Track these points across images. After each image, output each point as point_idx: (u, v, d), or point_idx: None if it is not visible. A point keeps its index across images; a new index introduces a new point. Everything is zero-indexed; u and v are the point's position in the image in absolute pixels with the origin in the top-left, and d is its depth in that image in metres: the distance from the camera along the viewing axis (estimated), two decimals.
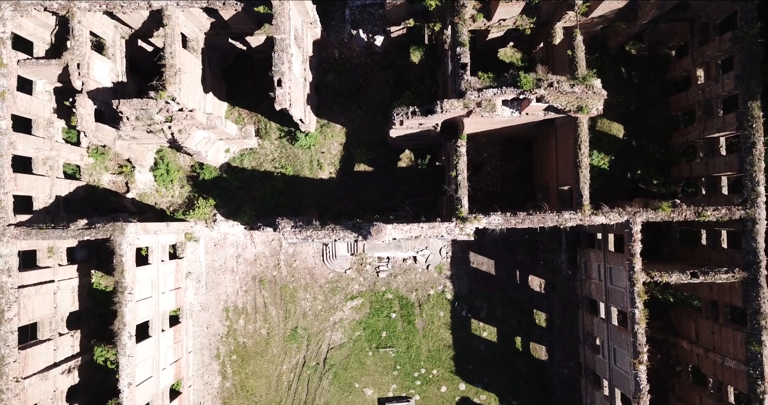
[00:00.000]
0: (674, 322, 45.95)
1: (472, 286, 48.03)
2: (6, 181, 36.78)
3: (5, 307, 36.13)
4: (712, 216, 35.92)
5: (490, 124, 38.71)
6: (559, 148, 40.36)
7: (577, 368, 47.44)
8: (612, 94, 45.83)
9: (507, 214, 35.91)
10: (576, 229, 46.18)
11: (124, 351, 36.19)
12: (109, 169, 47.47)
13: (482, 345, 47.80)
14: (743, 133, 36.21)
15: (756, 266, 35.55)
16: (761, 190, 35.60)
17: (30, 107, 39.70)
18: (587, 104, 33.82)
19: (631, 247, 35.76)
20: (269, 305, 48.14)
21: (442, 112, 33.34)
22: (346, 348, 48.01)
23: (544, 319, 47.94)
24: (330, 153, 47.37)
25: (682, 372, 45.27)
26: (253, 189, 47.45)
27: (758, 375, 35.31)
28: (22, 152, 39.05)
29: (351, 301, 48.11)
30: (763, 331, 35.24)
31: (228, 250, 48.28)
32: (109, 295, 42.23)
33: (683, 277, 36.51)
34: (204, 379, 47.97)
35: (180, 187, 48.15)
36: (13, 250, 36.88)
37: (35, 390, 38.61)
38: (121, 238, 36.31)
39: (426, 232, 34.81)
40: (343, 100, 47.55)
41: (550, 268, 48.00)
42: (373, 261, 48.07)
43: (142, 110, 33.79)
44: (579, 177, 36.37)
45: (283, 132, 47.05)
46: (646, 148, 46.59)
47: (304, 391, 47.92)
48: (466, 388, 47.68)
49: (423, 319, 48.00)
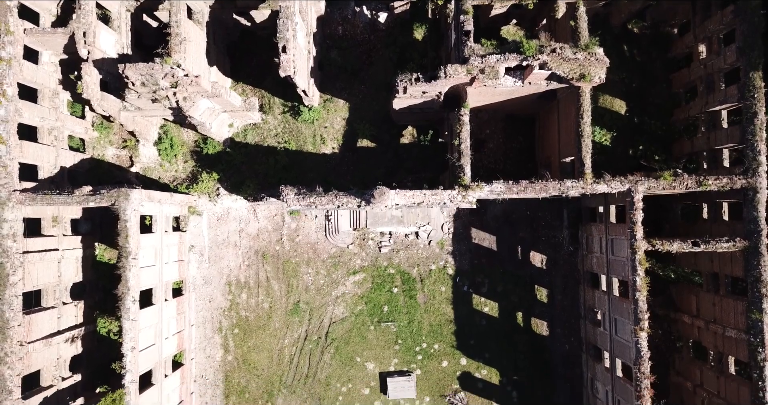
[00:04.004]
0: (675, 297, 46.14)
1: (473, 261, 48.24)
2: (12, 147, 37.04)
3: (10, 271, 36.39)
4: (714, 185, 36.15)
5: (492, 95, 38.95)
6: (561, 121, 40.57)
7: (578, 344, 47.64)
8: (614, 71, 46.34)
9: (509, 182, 36.13)
10: (577, 205, 46.66)
11: (128, 315, 36.45)
12: (114, 144, 47.73)
13: (483, 320, 48.01)
14: (745, 103, 36.45)
15: (757, 235, 35.79)
16: (762, 160, 35.85)
17: (36, 76, 39.95)
18: (590, 72, 34.06)
19: (632, 215, 35.97)
20: (272, 279, 48.37)
21: (445, 77, 33.58)
22: (347, 322, 48.24)
23: (545, 295, 48.13)
24: (333, 128, 47.61)
25: (683, 347, 45.47)
26: (256, 164, 47.70)
27: (759, 342, 35.55)
28: (27, 121, 39.30)
29: (353, 275, 48.34)
30: (764, 299, 35.49)
31: (231, 225, 48.53)
32: (113, 268, 42.62)
33: (684, 245, 36.77)
34: (206, 353, 48.21)
35: (183, 162, 48.41)
36: (18, 215, 37.16)
37: (39, 356, 38.89)
38: (126, 203, 36.57)
39: (429, 199, 35.03)
40: (346, 76, 47.80)
41: (552, 244, 48.19)
42: (375, 236, 48.30)
43: (147, 75, 34.05)
44: (581, 146, 36.60)
45: (287, 107, 47.30)
46: (647, 125, 46.79)
47: (306, 365, 48.15)
48: (467, 362, 47.88)
49: (424, 294, 48.22)
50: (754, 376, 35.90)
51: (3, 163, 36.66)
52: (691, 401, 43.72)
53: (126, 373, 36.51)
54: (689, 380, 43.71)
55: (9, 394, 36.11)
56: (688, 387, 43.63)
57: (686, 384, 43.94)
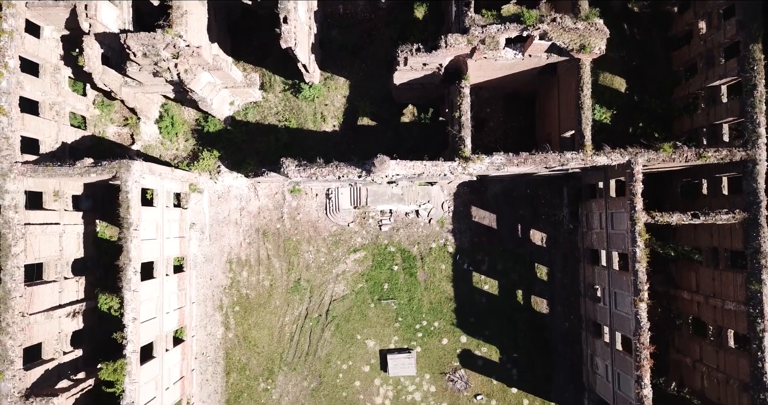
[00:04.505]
0: (675, 275, 46.30)
1: (473, 239, 48.39)
2: (14, 119, 37.19)
3: (12, 242, 36.55)
4: (713, 157, 36.30)
5: (493, 70, 39.07)
6: (561, 97, 40.69)
7: (578, 321, 47.80)
8: (614, 49, 46.51)
9: (509, 154, 36.23)
10: (577, 184, 46.81)
11: (129, 286, 36.60)
12: (115, 122, 47.85)
13: (483, 298, 48.17)
14: (744, 76, 36.57)
15: (756, 206, 35.93)
16: (762, 132, 35.98)
17: (38, 50, 40.04)
18: (590, 42, 34.18)
19: (632, 187, 36.11)
20: (272, 257, 48.52)
21: (446, 46, 33.69)
22: (348, 300, 48.40)
23: (545, 273, 48.30)
24: (333, 106, 47.72)
25: (683, 324, 45.64)
26: (256, 142, 47.83)
27: (758, 313, 35.71)
28: (29, 94, 39.40)
29: (354, 253, 48.49)
30: (763, 270, 35.63)
31: (232, 203, 48.67)
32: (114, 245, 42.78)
33: (684, 217, 36.92)
34: (207, 330, 48.37)
35: (185, 140, 48.53)
36: (20, 187, 37.32)
37: (40, 328, 39.06)
38: (127, 175, 36.71)
39: (429, 170, 35.16)
40: (346, 55, 47.90)
41: (552, 222, 48.34)
42: (375, 215, 48.44)
43: (149, 46, 34.16)
44: (581, 118, 36.73)
45: (287, 85, 47.41)
46: (648, 103, 46.89)
47: (306, 343, 48.31)
48: (467, 340, 48.05)
49: (425, 272, 48.37)
50: (753, 347, 36.06)
51: (5, 134, 36.80)
52: (690, 377, 43.91)
53: (127, 343, 36.68)
54: (689, 356, 43.89)
55: (11, 363, 36.30)
56: (688, 363, 43.81)
57: (686, 360, 44.11)
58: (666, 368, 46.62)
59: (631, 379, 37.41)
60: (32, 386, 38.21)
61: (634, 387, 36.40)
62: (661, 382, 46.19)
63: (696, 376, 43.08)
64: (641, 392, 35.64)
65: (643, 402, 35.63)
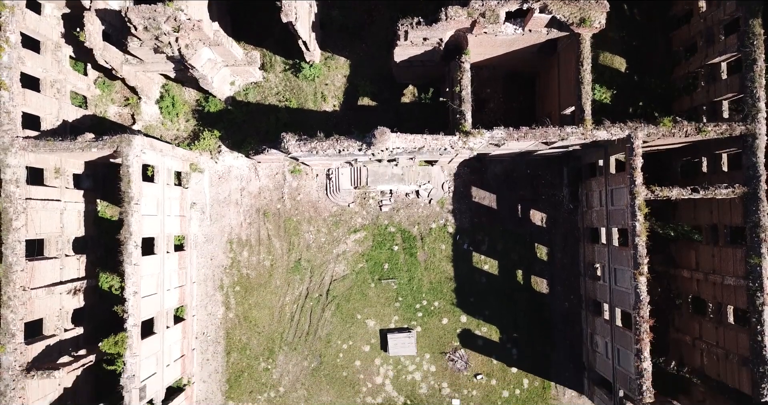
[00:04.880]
0: (675, 255, 46.38)
1: (473, 220, 48.47)
2: (15, 94, 37.29)
3: (13, 216, 36.69)
4: (713, 131, 36.34)
5: (493, 46, 39.13)
6: (561, 74, 40.73)
7: (578, 301, 47.91)
8: (614, 30, 46.71)
9: (509, 129, 36.30)
10: (577, 164, 46.91)
11: (130, 260, 36.70)
12: (116, 102, 47.92)
13: (483, 278, 48.26)
14: (744, 51, 36.62)
15: (756, 180, 36.00)
16: (762, 106, 36.04)
17: (38, 27, 40.08)
18: (590, 16, 34.24)
19: (632, 161, 36.18)
20: (273, 237, 48.62)
21: (446, 19, 33.78)
22: (348, 280, 48.50)
23: (545, 253, 48.40)
24: (334, 85, 47.78)
25: (682, 304, 45.72)
26: (257, 122, 47.89)
27: (757, 287, 35.82)
28: (30, 70, 39.49)
29: (354, 234, 48.58)
30: (763, 244, 35.75)
31: (232, 183, 48.77)
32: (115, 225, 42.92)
33: (684, 191, 37.00)
34: (207, 310, 48.49)
35: (185, 121, 48.60)
36: (21, 161, 37.44)
37: (41, 303, 39.20)
38: (128, 149, 36.82)
39: (429, 143, 35.22)
40: (347, 35, 47.90)
41: (552, 202, 48.42)
42: (376, 195, 48.52)
43: (150, 19, 34.22)
44: (581, 93, 36.80)
45: (288, 65, 47.47)
46: (648, 83, 46.93)
47: (307, 323, 48.42)
48: (467, 320, 48.15)
49: (425, 252, 48.47)
50: (753, 320, 36.17)
51: (6, 109, 36.91)
52: (690, 355, 44.03)
53: (128, 317, 36.79)
54: (688, 334, 43.99)
55: (12, 337, 36.47)
56: (687, 341, 43.92)
57: (685, 338, 44.22)
58: (666, 348, 46.76)
59: (630, 353, 37.53)
60: (33, 361, 38.37)
61: (633, 361, 36.51)
62: (661, 361, 46.34)
63: (695, 354, 43.19)
64: (641, 365, 35.75)
65: (642, 375, 35.74)
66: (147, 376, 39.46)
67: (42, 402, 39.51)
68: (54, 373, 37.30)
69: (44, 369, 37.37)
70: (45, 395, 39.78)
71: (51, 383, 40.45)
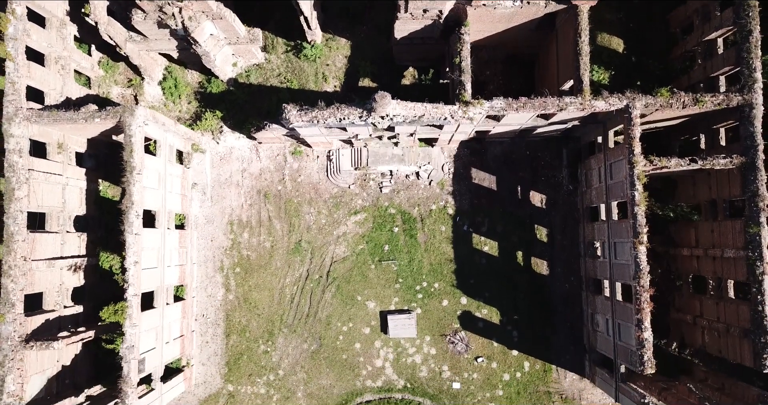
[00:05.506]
0: (674, 235, 46.42)
1: (473, 201, 48.60)
2: (20, 66, 37.75)
3: (15, 185, 36.94)
4: (710, 101, 36.65)
5: (492, 21, 39.64)
6: (560, 49, 41.19)
7: (578, 283, 47.81)
8: (611, 12, 47.26)
9: (509, 99, 36.63)
10: (576, 146, 47.23)
11: (131, 229, 36.78)
12: (119, 83, 48.40)
13: (483, 259, 48.24)
14: (740, 23, 37.10)
15: (754, 150, 36.24)
16: (758, 76, 36.42)
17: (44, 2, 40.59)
18: None
19: (631, 130, 36.44)
20: (273, 219, 48.72)
21: None
22: (349, 261, 48.48)
23: (545, 235, 48.42)
24: (335, 66, 48.28)
25: (683, 285, 45.63)
26: (259, 102, 48.28)
27: (757, 256, 35.85)
28: (35, 45, 39.94)
29: (354, 215, 48.69)
30: (761, 213, 35.82)
31: (233, 165, 49.01)
32: (116, 205, 43.17)
33: (682, 162, 37.20)
34: (207, 292, 48.40)
35: (188, 103, 49.03)
36: (25, 132, 37.76)
37: (42, 276, 39.23)
38: (131, 119, 37.14)
39: (430, 112, 35.53)
40: (348, 18, 48.49)
41: (551, 184, 48.57)
42: (376, 177, 48.71)
43: None
44: (579, 64, 37.23)
45: (290, 46, 48.01)
46: (645, 64, 47.40)
47: (307, 304, 48.29)
48: (467, 302, 48.01)
49: (425, 233, 48.52)
50: (753, 290, 36.12)
51: (11, 79, 37.37)
52: (691, 335, 43.84)
53: (128, 286, 36.77)
54: (689, 313, 43.85)
55: (12, 306, 36.48)
56: (688, 320, 43.77)
57: (686, 318, 44.07)
58: (666, 330, 46.58)
59: (631, 326, 37.41)
60: (32, 333, 38.25)
61: (634, 331, 36.37)
62: (662, 343, 46.16)
63: (696, 333, 43.00)
64: (642, 335, 35.63)
65: (643, 345, 35.60)
66: (146, 349, 39.31)
67: (40, 376, 39.36)
68: (53, 343, 37.19)
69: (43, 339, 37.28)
70: (43, 370, 39.64)
71: (49, 358, 40.35)
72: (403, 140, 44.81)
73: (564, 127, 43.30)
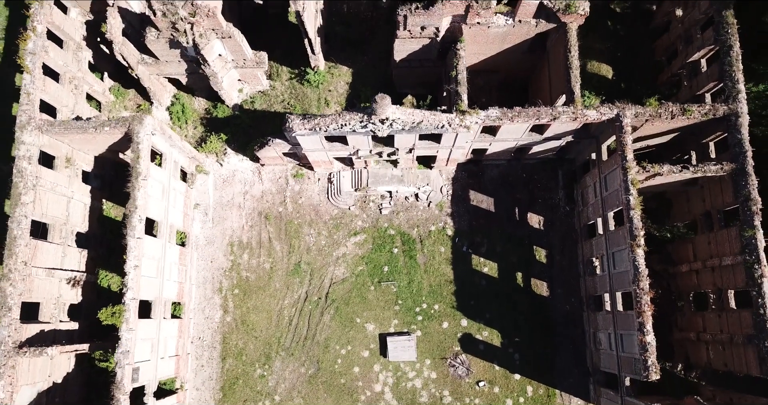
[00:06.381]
0: (673, 254, 46.67)
1: (472, 222, 49.14)
2: (36, 78, 39.53)
3: (23, 190, 37.70)
4: (697, 112, 38.09)
5: (486, 42, 41.88)
6: (552, 67, 43.21)
7: (579, 304, 47.47)
8: (599, 41, 49.93)
9: (503, 108, 38.13)
10: (571, 167, 48.44)
11: (133, 233, 37.16)
12: (128, 109, 50.24)
13: (483, 280, 48.13)
14: (720, 39, 39.30)
15: (743, 155, 37.34)
16: (741, 87, 38.16)
17: (63, 25, 43.05)
18: (573, 2, 37.10)
19: (622, 138, 37.64)
20: (274, 240, 49.05)
21: (442, 1, 36.51)
22: (348, 282, 48.33)
23: (544, 256, 48.57)
24: (337, 91, 50.27)
25: (684, 305, 45.40)
26: (263, 126, 49.79)
27: (754, 259, 36.08)
28: (52, 63, 41.92)
29: (354, 236, 49.06)
30: (755, 217, 36.41)
31: (236, 187, 49.94)
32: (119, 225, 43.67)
33: (674, 169, 38.15)
34: (205, 313, 47.93)
35: (194, 128, 50.66)
36: (36, 140, 38.96)
37: (41, 284, 39.22)
38: (140, 127, 38.40)
39: (428, 118, 36.90)
40: (350, 48, 51.06)
41: (548, 205, 49.30)
42: (376, 198, 49.52)
43: (169, 4, 37.03)
44: (570, 77, 39.02)
45: (294, 74, 50.23)
46: (634, 89, 49.37)
47: (305, 327, 47.69)
48: (467, 323, 47.45)
49: (424, 254, 48.69)
50: (753, 294, 36.07)
51: (27, 90, 39.05)
52: (695, 352, 43.16)
53: (127, 290, 36.66)
54: (692, 331, 43.37)
55: (9, 310, 36.32)
56: (691, 337, 43.25)
57: (689, 335, 43.57)
58: (671, 352, 45.87)
59: (633, 333, 37.02)
60: (26, 341, 37.75)
61: (636, 337, 35.97)
62: (668, 366, 45.37)
63: (701, 350, 42.35)
64: (644, 338, 35.21)
65: (646, 349, 35.09)
66: (141, 359, 38.58)
67: (30, 389, 38.46)
68: (47, 349, 36.70)
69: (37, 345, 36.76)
70: (34, 382, 38.80)
71: (41, 371, 39.56)
72: (402, 159, 45.98)
73: (559, 145, 44.59)
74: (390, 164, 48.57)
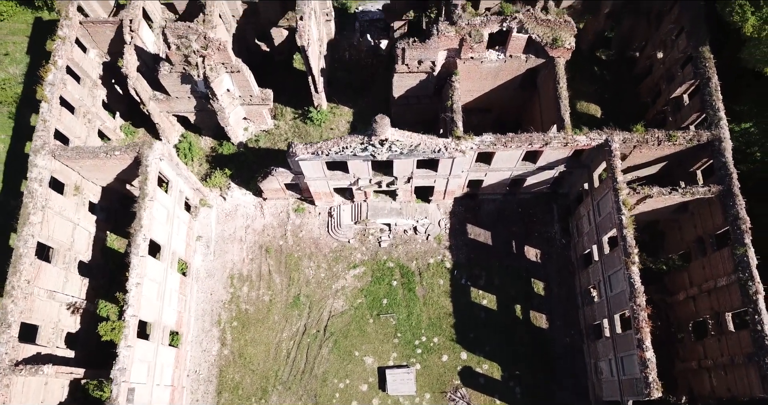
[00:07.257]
0: (669, 285, 47.10)
1: (470, 255, 49.81)
2: (53, 108, 41.68)
3: (32, 210, 38.79)
4: (682, 138, 39.96)
5: (480, 77, 44.49)
6: (542, 100, 45.51)
7: (579, 336, 47.25)
8: (586, 84, 52.80)
9: (497, 134, 40.01)
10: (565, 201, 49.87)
11: (137, 251, 37.85)
12: None
13: (482, 313, 48.16)
14: (699, 72, 41.91)
15: (729, 178, 38.80)
16: (722, 114, 40.30)
17: (82, 62, 45.83)
18: (560, 36, 39.95)
19: (612, 161, 39.25)
20: (274, 273, 49.50)
21: (437, 35, 39.26)
22: (347, 315, 48.30)
23: (542, 288, 48.86)
24: (338, 129, 52.44)
25: (684, 337, 45.34)
26: (266, 163, 51.38)
27: (748, 276, 36.65)
28: (69, 96, 44.26)
29: (353, 269, 49.56)
30: (745, 235, 37.35)
31: (238, 221, 50.99)
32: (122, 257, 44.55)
33: (664, 191, 39.48)
34: (202, 346, 47.54)
35: (199, 165, 52.43)
36: (48, 165, 40.49)
37: (41, 306, 39.45)
38: (149, 151, 40.05)
39: (425, 142, 38.62)
40: (351, 92, 53.87)
41: (545, 238, 50.17)
42: (375, 231, 50.46)
43: (183, 37, 39.79)
44: (560, 106, 41.20)
45: (297, 114, 52.67)
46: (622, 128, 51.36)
47: (303, 360, 47.18)
48: (467, 356, 47.01)
49: (423, 287, 49.00)
50: (750, 310, 36.34)
51: (43, 118, 41.05)
52: (698, 382, 42.63)
53: (128, 307, 36.87)
54: (694, 359, 43.08)
55: (8, 327, 36.43)
56: (693, 366, 42.88)
57: (691, 364, 43.20)
58: (674, 383, 45.23)
59: (633, 353, 36.90)
60: (22, 361, 37.50)
61: (636, 354, 35.88)
62: (671, 399, 44.67)
63: (703, 379, 41.87)
64: (644, 355, 35.12)
65: (647, 366, 34.92)
66: (137, 381, 38.12)
67: None
68: (42, 367, 36.48)
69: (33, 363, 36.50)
70: None
71: (35, 395, 38.83)
72: (400, 190, 47.37)
73: (552, 176, 46.15)
74: (389, 197, 49.92)
